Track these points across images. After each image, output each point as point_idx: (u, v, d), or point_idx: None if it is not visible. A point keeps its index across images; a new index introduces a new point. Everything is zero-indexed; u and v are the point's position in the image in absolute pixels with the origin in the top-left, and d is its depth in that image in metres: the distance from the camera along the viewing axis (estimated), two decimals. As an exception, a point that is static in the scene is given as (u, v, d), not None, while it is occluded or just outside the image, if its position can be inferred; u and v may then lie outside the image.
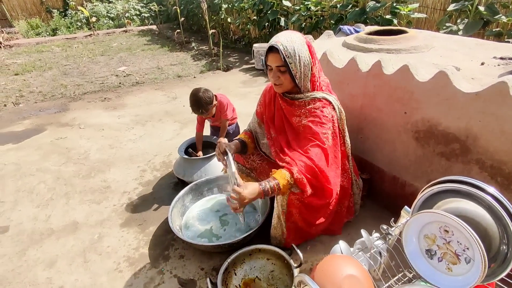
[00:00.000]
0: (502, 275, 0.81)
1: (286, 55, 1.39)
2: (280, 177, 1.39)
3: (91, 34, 9.27)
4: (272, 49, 1.42)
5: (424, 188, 0.98)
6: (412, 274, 1.07)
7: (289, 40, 1.40)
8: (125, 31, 9.74)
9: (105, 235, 1.95)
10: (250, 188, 1.34)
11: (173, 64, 6.04)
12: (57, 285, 1.63)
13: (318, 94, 1.54)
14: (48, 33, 9.74)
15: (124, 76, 5.43)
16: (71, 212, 2.16)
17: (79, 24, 10.45)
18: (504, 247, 0.82)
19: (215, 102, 2.33)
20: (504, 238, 0.81)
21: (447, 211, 0.91)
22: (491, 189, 0.85)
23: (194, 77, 5.22)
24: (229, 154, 1.59)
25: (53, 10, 10.59)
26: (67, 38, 8.91)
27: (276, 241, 1.71)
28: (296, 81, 1.47)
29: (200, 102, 2.22)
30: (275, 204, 1.59)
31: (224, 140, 1.67)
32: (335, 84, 2.10)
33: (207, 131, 2.68)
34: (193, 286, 1.60)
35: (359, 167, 1.95)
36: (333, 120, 1.54)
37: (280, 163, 1.48)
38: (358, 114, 1.99)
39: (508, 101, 1.28)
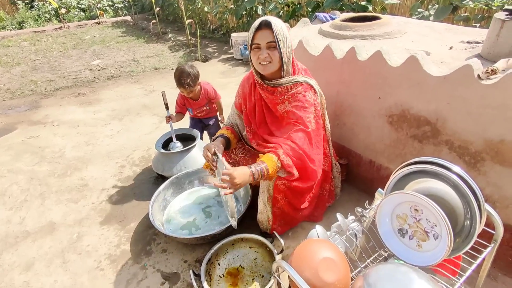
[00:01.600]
0: (467, 248, 0.86)
1: (277, 32, 1.40)
2: (268, 160, 1.39)
3: (61, 27, 8.85)
4: (262, 26, 1.41)
5: (395, 170, 1.01)
6: (387, 253, 1.12)
7: (277, 21, 1.43)
8: (98, 23, 9.36)
9: (84, 234, 1.91)
10: (240, 170, 1.34)
11: (149, 56, 5.88)
12: (36, 287, 1.59)
13: (299, 78, 1.55)
14: (14, 27, 9.22)
15: (99, 70, 5.24)
16: (47, 213, 2.10)
17: (48, 16, 9.94)
18: (468, 222, 0.86)
19: (199, 80, 2.28)
20: (468, 213, 0.86)
21: (417, 191, 0.95)
22: (457, 168, 0.89)
23: (172, 69, 5.10)
24: (219, 155, 1.52)
25: (18, 1, 9.99)
26: (35, 32, 8.47)
27: (263, 226, 1.73)
28: (284, 60, 1.47)
29: (189, 74, 2.17)
30: (260, 190, 1.60)
31: (214, 144, 1.62)
32: (312, 71, 2.10)
33: (186, 123, 2.63)
34: (176, 279, 1.60)
35: (337, 153, 1.99)
36: (315, 104, 1.56)
37: (265, 150, 1.49)
38: (334, 101, 2.02)
39: (473, 84, 1.33)
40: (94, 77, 4.88)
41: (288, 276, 0.84)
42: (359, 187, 2.09)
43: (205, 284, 1.44)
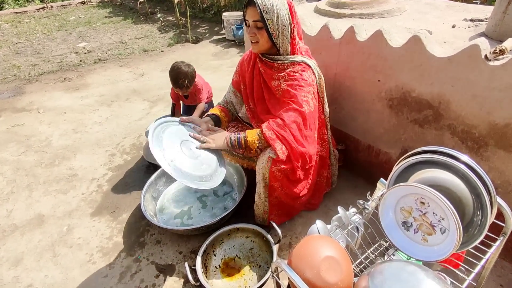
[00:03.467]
0: (476, 243, 0.82)
1: (263, 10, 1.31)
2: (250, 132, 1.46)
3: (44, 7, 8.42)
4: (250, 3, 1.34)
5: (399, 160, 0.95)
6: (388, 243, 1.08)
7: None
8: (83, 3, 8.92)
9: (74, 226, 1.85)
10: (218, 133, 1.51)
11: (138, 38, 5.65)
12: (25, 283, 1.54)
13: (297, 57, 1.48)
14: (-7, 8, 8.75)
15: (85, 53, 5.02)
16: (36, 205, 2.02)
17: (29, -4, 9.44)
18: (478, 216, 0.81)
19: (196, 78, 2.22)
20: (478, 206, 0.81)
21: (422, 182, 0.89)
22: (465, 157, 0.83)
23: (162, 51, 4.92)
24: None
25: (-4, -20, 9.44)
26: (16, 13, 8.05)
27: (259, 219, 1.69)
28: (274, 40, 1.40)
29: (187, 75, 2.10)
30: (256, 180, 1.55)
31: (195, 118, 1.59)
32: (308, 53, 2.02)
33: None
34: (171, 271, 1.56)
35: (335, 138, 1.92)
36: (312, 84, 1.49)
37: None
38: (332, 84, 1.93)
39: (480, 65, 1.26)
40: (81, 61, 4.68)
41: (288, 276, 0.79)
42: (357, 172, 2.04)
43: (201, 276, 1.41)
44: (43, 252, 1.69)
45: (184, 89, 2.16)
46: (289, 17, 1.38)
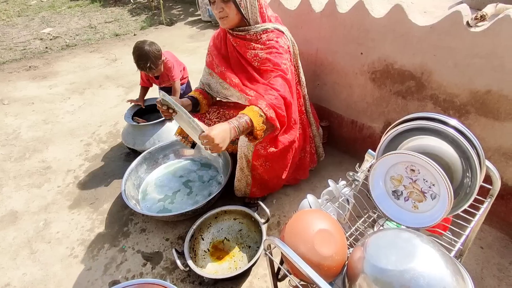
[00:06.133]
0: (465, 206, 0.82)
1: None
2: (249, 111, 1.21)
3: (0, -9, 7.75)
4: None
5: (388, 129, 0.93)
6: (377, 214, 1.08)
7: None
8: (44, -14, 8.29)
9: (52, 220, 1.75)
10: (217, 128, 1.11)
11: (108, 22, 5.34)
12: (2, 283, 1.45)
13: (269, 25, 1.43)
14: None
15: (51, 39, 4.70)
16: (7, 201, 1.89)
17: (-18, -21, 8.66)
18: (468, 179, 0.81)
19: (163, 57, 2.06)
20: (468, 169, 0.80)
21: (411, 150, 0.88)
22: (454, 122, 0.82)
23: (135, 35, 4.68)
24: (175, 103, 1.17)
25: None
26: (-31, -2, 7.38)
27: (240, 193, 1.65)
28: (242, 11, 1.34)
29: (148, 56, 1.93)
30: (238, 156, 1.51)
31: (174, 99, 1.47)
32: (288, 29, 1.95)
33: (155, 93, 2.43)
34: (159, 259, 1.52)
35: (318, 115, 1.89)
36: (289, 51, 1.45)
37: (247, 103, 1.31)
38: (314, 60, 1.89)
39: (462, 32, 1.25)
40: (46, 48, 4.37)
41: (281, 252, 0.76)
42: (341, 149, 2.04)
43: (189, 261, 1.37)
44: (19, 250, 1.60)
45: (150, 70, 2.00)
46: None
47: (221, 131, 1.11)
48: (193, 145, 1.73)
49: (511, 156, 1.33)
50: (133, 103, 2.26)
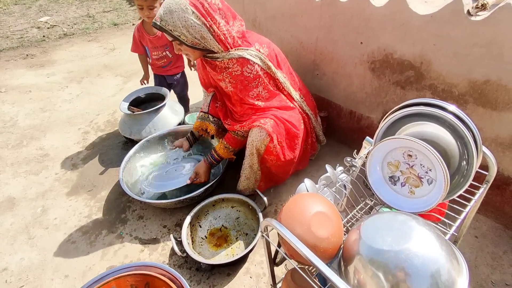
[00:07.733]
0: (461, 191, 0.83)
1: (169, 30, 1.29)
2: (218, 147, 1.60)
3: (-4, -21, 7.62)
4: (157, 27, 1.30)
5: (385, 116, 0.93)
6: (373, 201, 1.08)
7: (167, 11, 1.26)
8: (41, -26, 8.16)
9: (49, 207, 1.75)
10: (199, 168, 1.63)
11: (106, 11, 5.27)
12: (0, 267, 1.46)
13: (233, 53, 1.41)
14: None
15: (48, 28, 4.64)
16: (5, 188, 1.89)
17: (-22, -34, 8.50)
18: (464, 164, 0.81)
19: None
20: (465, 155, 0.81)
21: (409, 136, 0.88)
22: (452, 107, 0.82)
23: (133, 24, 4.62)
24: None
25: None
26: (-36, -15, 7.25)
27: (248, 191, 1.65)
28: (198, 48, 1.36)
29: None
30: (248, 153, 1.51)
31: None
32: (288, 18, 1.94)
33: (150, 81, 2.40)
34: (157, 245, 1.52)
35: (317, 105, 1.89)
36: (258, 75, 1.46)
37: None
38: (313, 49, 1.88)
39: (462, 21, 1.24)
40: (44, 36, 4.32)
41: (278, 235, 0.77)
42: (339, 139, 2.04)
43: (187, 247, 1.38)
44: (17, 235, 1.60)
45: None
46: (199, 19, 1.28)
47: (202, 167, 1.63)
48: (212, 137, 1.86)
49: (507, 146, 1.34)
50: (144, 84, 2.29)
